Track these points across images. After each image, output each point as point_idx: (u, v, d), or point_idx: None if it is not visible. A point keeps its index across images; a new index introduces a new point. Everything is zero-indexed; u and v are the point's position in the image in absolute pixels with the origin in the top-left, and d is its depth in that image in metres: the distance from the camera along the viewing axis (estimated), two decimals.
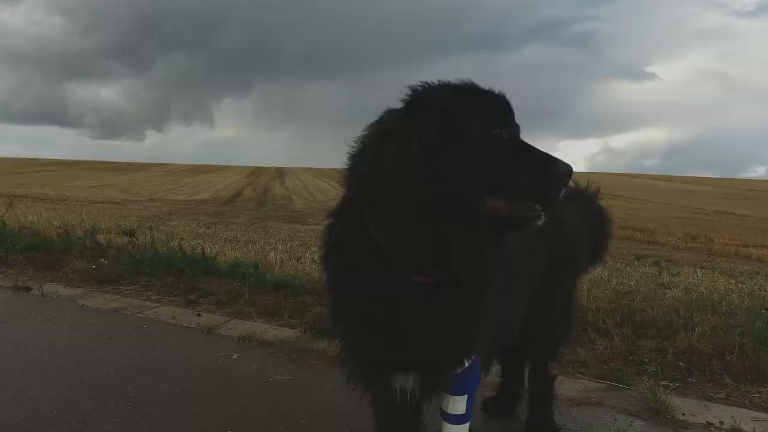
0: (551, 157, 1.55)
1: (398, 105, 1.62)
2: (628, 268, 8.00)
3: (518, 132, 1.63)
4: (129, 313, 4.65)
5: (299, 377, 3.34)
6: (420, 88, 1.61)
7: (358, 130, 1.66)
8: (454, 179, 1.48)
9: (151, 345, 3.84)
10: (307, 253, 8.58)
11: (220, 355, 3.66)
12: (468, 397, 1.95)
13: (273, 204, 31.88)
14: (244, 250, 8.48)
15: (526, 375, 2.78)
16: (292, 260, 7.40)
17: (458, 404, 1.94)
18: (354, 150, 1.66)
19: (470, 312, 1.70)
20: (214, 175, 79.12)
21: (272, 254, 7.47)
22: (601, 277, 5.99)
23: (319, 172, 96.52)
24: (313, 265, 6.67)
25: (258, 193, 42.42)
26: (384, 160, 1.50)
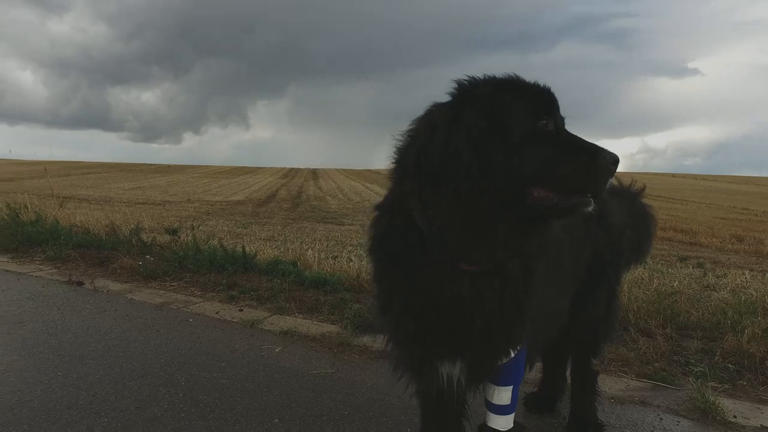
0: (597, 146, 1.55)
1: (437, 101, 1.66)
2: (670, 270, 7.79)
3: (563, 123, 1.64)
4: (175, 307, 4.82)
5: (341, 371, 3.40)
6: (466, 82, 1.64)
7: (388, 131, 1.73)
8: (501, 169, 1.50)
9: (198, 338, 3.97)
10: (344, 252, 8.70)
11: (264, 348, 3.77)
12: (513, 388, 1.97)
13: (307, 204, 32.25)
14: (282, 249, 8.64)
15: (568, 371, 2.77)
16: (329, 259, 7.52)
17: (503, 395, 1.96)
18: (401, 143, 1.70)
19: (516, 302, 1.72)
20: (250, 176, 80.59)
21: (310, 252, 7.58)
22: (641, 278, 5.86)
23: (352, 173, 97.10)
24: (350, 264, 6.77)
25: (293, 193, 43.01)
26: (430, 151, 1.54)
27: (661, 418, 2.76)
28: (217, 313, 4.64)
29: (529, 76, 1.68)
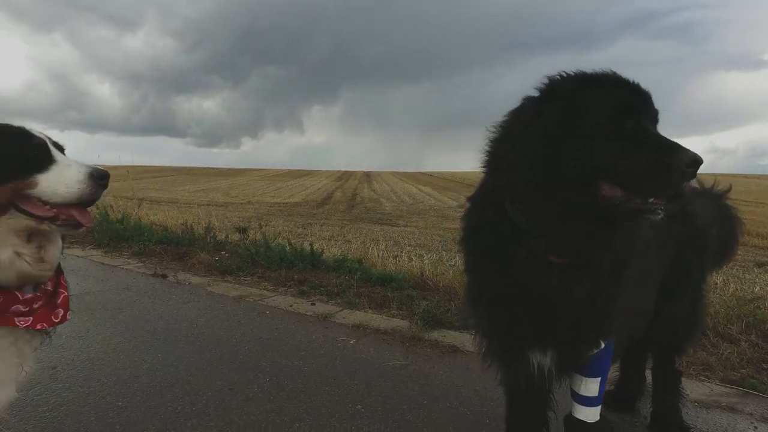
0: (674, 144, 1.49)
1: (529, 95, 1.74)
2: (746, 275, 7.42)
3: (654, 121, 1.62)
4: (251, 300, 5.09)
5: (414, 363, 3.51)
6: (556, 77, 1.70)
7: (440, 134, 1.83)
8: (569, 164, 1.53)
9: (276, 328, 4.20)
10: (403, 253, 8.83)
11: (339, 340, 3.94)
12: (601, 380, 2.00)
13: (362, 206, 32.68)
14: (344, 248, 8.87)
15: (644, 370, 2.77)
16: (390, 258, 7.67)
17: (591, 386, 2.00)
18: (493, 135, 1.78)
19: (606, 295, 1.76)
20: (306, 179, 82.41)
21: (374, 251, 7.76)
22: (715, 283, 5.63)
23: (404, 176, 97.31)
24: (411, 263, 6.89)
25: (347, 196, 43.68)
26: (508, 144, 1.63)
27: (755, 427, 2.69)
28: (290, 306, 4.87)
29: None
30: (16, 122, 1.59)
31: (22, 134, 1.57)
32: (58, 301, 1.65)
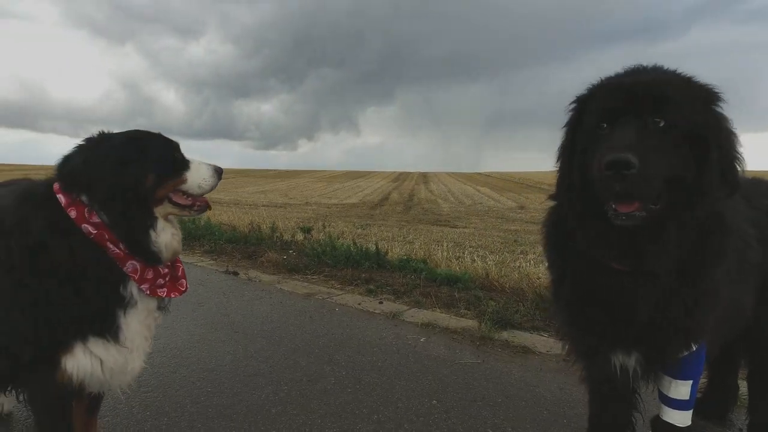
0: (608, 148, 1.44)
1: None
2: None
3: (635, 122, 1.50)
4: (320, 297, 5.23)
5: (486, 362, 3.51)
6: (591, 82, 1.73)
7: (498, 133, 1.89)
8: (577, 173, 1.64)
9: (347, 325, 4.30)
10: (465, 253, 8.79)
11: (409, 337, 3.99)
12: (693, 383, 1.94)
13: (419, 208, 32.68)
14: (407, 248, 8.93)
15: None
16: (452, 259, 7.66)
17: (681, 389, 1.93)
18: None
19: (685, 298, 1.69)
20: (362, 180, 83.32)
21: (437, 252, 7.77)
22: None
23: (462, 176, 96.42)
24: (474, 264, 6.85)
25: (404, 197, 43.81)
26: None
27: None
28: (359, 304, 4.96)
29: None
30: (95, 128, 1.85)
31: (167, 139, 1.89)
32: (179, 273, 1.96)
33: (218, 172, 1.95)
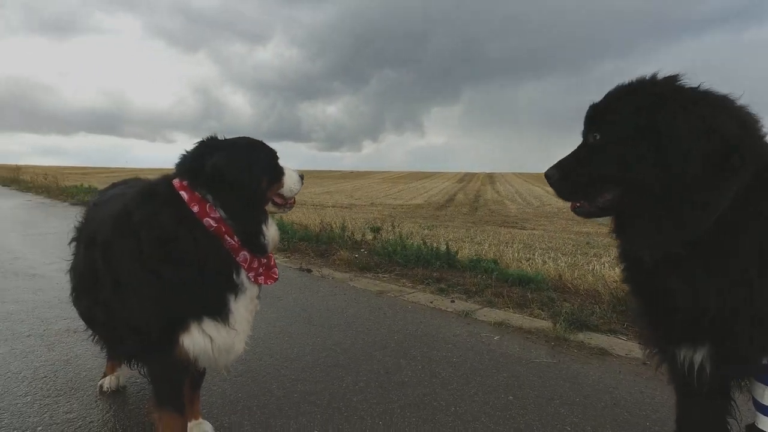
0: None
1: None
2: None
3: (587, 133, 1.86)
4: (392, 295, 5.35)
5: (562, 362, 3.48)
6: None
7: (569, 132, 1.99)
8: None
9: (420, 322, 4.39)
10: (535, 255, 8.61)
11: (482, 335, 4.01)
12: None
13: (486, 209, 32.20)
14: (476, 249, 8.89)
15: None
16: (523, 260, 7.55)
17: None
18: None
19: (735, 292, 1.62)
20: (426, 181, 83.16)
21: (507, 252, 7.70)
22: None
23: (531, 177, 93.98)
24: (546, 266, 6.72)
25: (470, 198, 43.31)
26: None
27: None
28: (431, 302, 5.04)
29: (741, 59, 1.60)
30: (170, 132, 2.08)
31: (271, 148, 2.15)
32: (272, 263, 2.17)
33: (302, 178, 2.26)
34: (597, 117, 1.82)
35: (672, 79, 1.74)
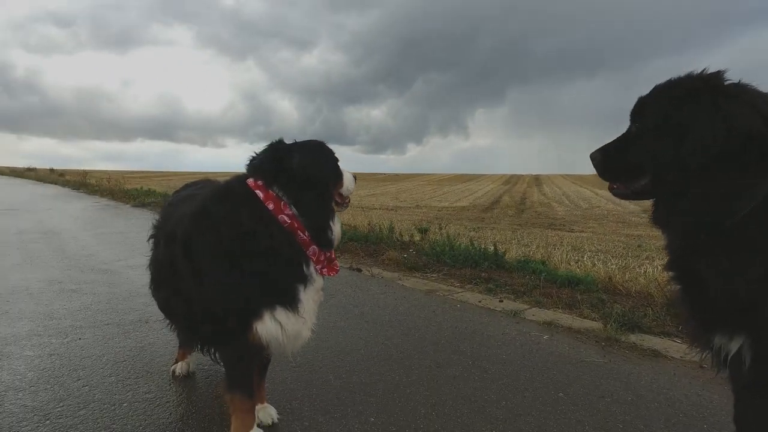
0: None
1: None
2: None
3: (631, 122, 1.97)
4: (441, 294, 5.44)
5: (613, 362, 3.48)
6: None
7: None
8: None
9: (469, 320, 4.46)
10: (584, 257, 8.48)
11: (531, 335, 4.05)
12: None
13: (532, 211, 31.66)
14: (524, 250, 8.85)
15: None
16: (572, 262, 7.47)
17: None
18: None
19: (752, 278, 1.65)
20: (471, 183, 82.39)
21: (555, 254, 7.63)
22: None
23: (578, 179, 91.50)
24: (596, 268, 6.64)
25: (516, 200, 42.66)
26: None
27: None
28: (479, 302, 5.10)
29: None
30: (219, 137, 2.29)
31: (331, 150, 2.32)
32: (333, 257, 2.34)
33: (355, 178, 2.45)
34: (640, 108, 1.94)
35: (712, 75, 1.79)
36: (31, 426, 2.43)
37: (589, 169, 2.20)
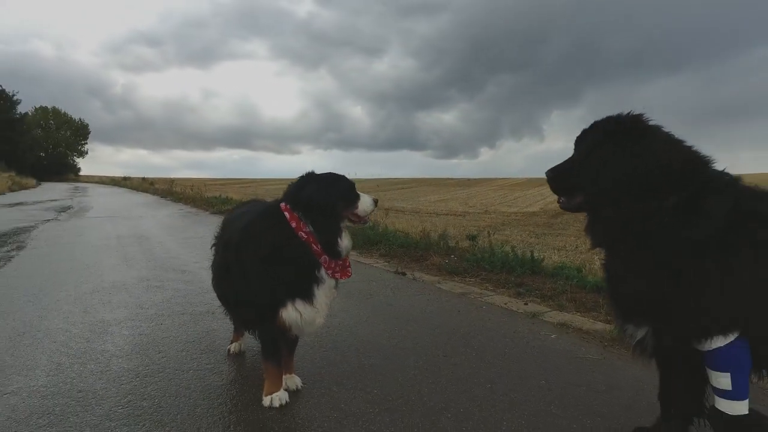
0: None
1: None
2: None
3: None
4: (472, 297, 5.96)
5: (607, 359, 3.88)
6: None
7: (708, 130, 2.30)
8: None
9: (488, 319, 4.97)
10: None
11: (541, 334, 4.51)
12: (732, 375, 2.11)
13: None
14: (570, 257, 9.08)
15: None
16: None
17: (721, 380, 2.14)
18: None
19: (657, 281, 2.14)
20: (545, 188, 79.58)
21: (597, 260, 7.83)
22: None
23: None
24: None
25: None
26: None
27: None
28: (505, 304, 5.57)
29: None
30: (292, 144, 3.08)
31: (349, 180, 2.99)
32: (347, 264, 2.98)
33: (375, 201, 3.02)
34: (580, 139, 2.42)
35: (632, 118, 2.28)
36: (127, 379, 3.36)
37: None
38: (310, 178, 2.94)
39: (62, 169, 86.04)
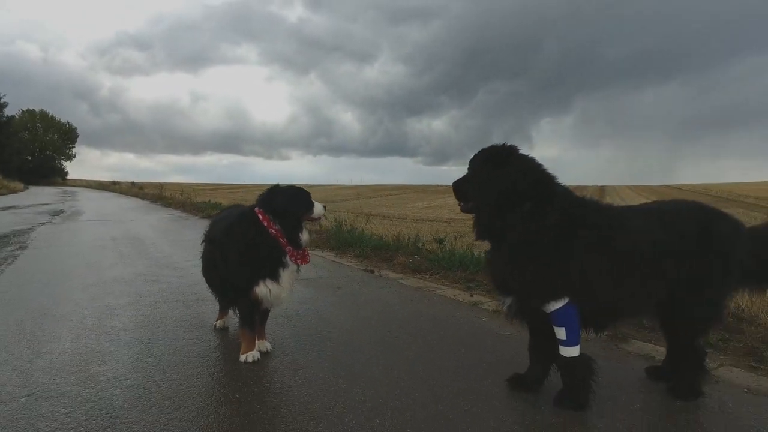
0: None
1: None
2: None
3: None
4: (427, 290, 6.89)
5: (521, 334, 4.81)
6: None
7: (698, 139, 2.91)
8: None
9: (435, 307, 5.91)
10: None
11: (475, 318, 5.45)
12: (566, 329, 3.01)
13: None
14: None
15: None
16: None
17: (560, 332, 3.04)
18: None
19: (515, 264, 3.09)
20: None
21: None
22: None
23: (645, 189, 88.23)
24: None
25: None
26: None
27: None
28: (454, 296, 6.51)
29: None
30: (282, 150, 4.16)
31: (307, 191, 3.89)
32: (306, 253, 3.91)
33: (325, 207, 3.97)
34: (472, 160, 3.22)
35: (504, 148, 3.20)
36: (135, 344, 4.30)
37: (659, 180, 3.18)
38: (277, 190, 3.86)
39: (49, 173, 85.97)
